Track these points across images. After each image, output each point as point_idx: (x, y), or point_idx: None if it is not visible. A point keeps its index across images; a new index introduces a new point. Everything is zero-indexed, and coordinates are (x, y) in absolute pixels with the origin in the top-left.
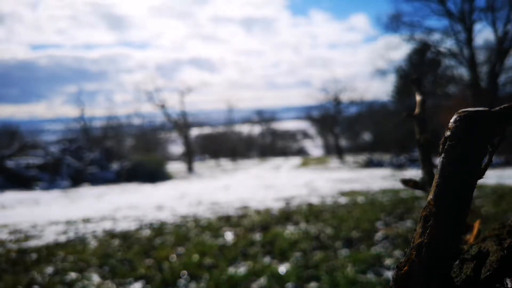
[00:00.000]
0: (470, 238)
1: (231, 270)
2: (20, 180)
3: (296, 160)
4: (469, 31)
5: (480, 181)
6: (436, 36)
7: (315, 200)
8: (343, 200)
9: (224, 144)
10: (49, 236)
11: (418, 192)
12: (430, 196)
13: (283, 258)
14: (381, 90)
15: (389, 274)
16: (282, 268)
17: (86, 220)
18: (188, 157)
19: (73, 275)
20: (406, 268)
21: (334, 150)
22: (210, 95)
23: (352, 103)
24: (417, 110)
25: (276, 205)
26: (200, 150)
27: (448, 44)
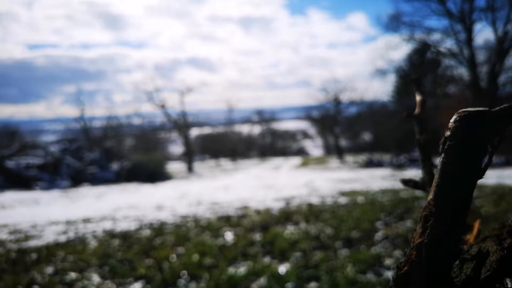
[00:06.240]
0: (470, 238)
1: (231, 270)
2: (20, 180)
3: (296, 160)
4: (469, 31)
5: (480, 181)
6: (436, 36)
7: (315, 200)
8: (343, 200)
9: (224, 144)
10: (49, 236)
11: (418, 192)
12: (430, 196)
13: (283, 258)
14: (381, 90)
15: (389, 274)
16: (282, 268)
17: (86, 220)
18: (188, 157)
19: (73, 275)
20: (406, 268)
21: (334, 150)
22: (210, 95)
23: (352, 103)
24: (417, 110)
25: (276, 205)
26: (200, 150)
27: (448, 44)
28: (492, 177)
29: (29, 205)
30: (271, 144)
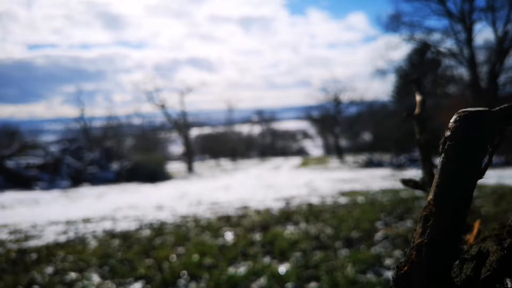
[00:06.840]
0: (470, 238)
1: (231, 270)
2: (20, 180)
3: (296, 160)
4: (469, 31)
5: (480, 181)
6: (436, 36)
7: (315, 200)
8: (343, 200)
9: (224, 144)
10: (49, 236)
11: (418, 192)
12: (430, 196)
13: (283, 258)
14: (381, 90)
15: (389, 274)
16: (282, 268)
17: (86, 220)
18: (188, 157)
19: (73, 275)
20: (406, 268)
21: (334, 150)
22: (210, 95)
23: (352, 103)
24: (417, 110)
25: (276, 205)
26: (200, 150)
27: (448, 44)
28: (492, 177)
29: (29, 205)
30: (271, 144)
